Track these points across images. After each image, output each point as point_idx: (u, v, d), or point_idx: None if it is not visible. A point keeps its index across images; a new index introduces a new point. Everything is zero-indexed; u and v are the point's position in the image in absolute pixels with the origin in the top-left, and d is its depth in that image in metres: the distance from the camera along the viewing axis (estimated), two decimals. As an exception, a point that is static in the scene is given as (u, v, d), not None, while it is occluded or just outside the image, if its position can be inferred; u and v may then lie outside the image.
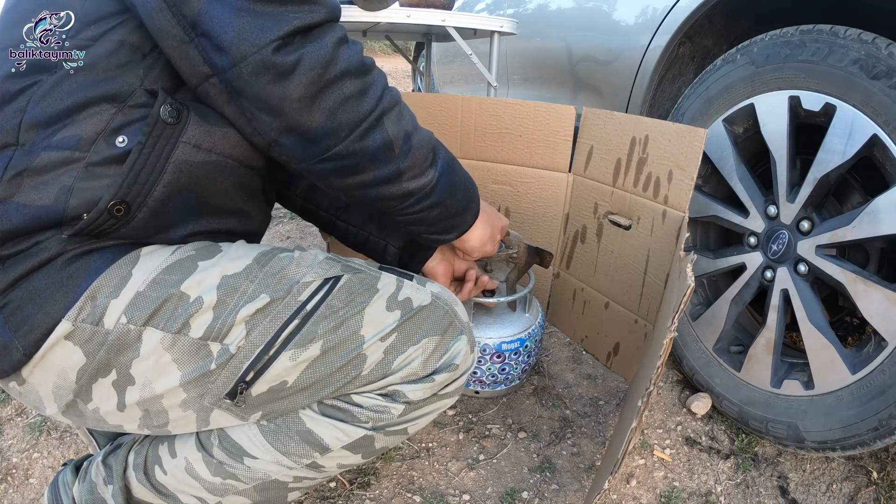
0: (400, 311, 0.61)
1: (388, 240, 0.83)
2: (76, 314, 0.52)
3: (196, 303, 0.55)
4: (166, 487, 0.64)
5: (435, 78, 2.82)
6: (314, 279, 0.60)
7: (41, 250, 0.52)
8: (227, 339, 0.56)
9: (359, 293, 0.61)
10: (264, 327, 0.56)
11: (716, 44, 1.27)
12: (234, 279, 0.57)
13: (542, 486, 0.93)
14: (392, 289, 0.63)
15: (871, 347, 0.86)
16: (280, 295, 0.58)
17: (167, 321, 0.54)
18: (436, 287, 0.67)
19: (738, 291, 1.05)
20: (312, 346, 0.58)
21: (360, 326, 0.59)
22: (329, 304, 0.59)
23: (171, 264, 0.56)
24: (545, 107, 1.19)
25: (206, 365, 0.56)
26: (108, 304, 0.53)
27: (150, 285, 0.55)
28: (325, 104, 0.53)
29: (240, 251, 0.61)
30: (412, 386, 0.62)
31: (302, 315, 0.58)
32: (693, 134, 0.95)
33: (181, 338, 0.55)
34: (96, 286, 0.53)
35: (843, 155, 0.85)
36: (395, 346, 0.60)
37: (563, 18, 1.62)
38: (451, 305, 0.66)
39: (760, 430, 1.00)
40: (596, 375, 1.23)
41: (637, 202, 1.09)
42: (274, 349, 0.57)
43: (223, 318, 0.56)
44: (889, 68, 0.79)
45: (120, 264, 0.55)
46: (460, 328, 0.65)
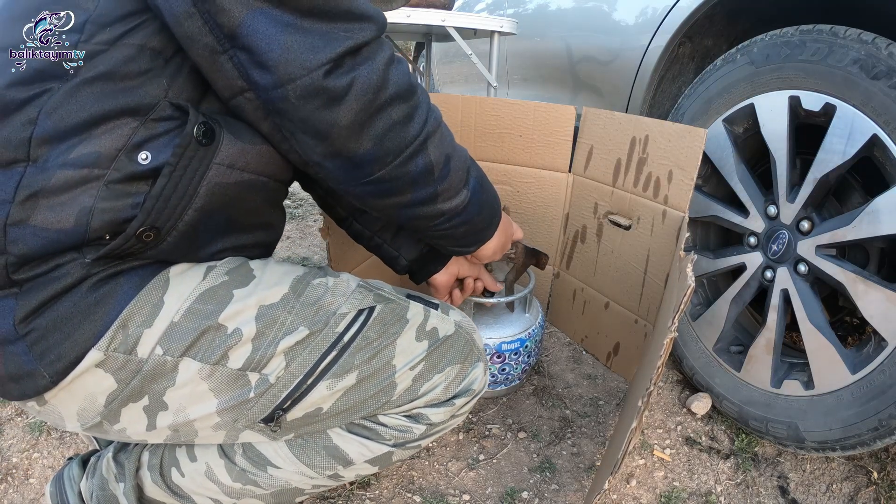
0: (428, 341, 0.65)
1: (401, 251, 0.83)
2: (107, 344, 0.50)
3: (234, 335, 0.54)
4: (182, 489, 0.65)
5: (435, 78, 2.82)
6: (349, 310, 0.61)
7: (63, 275, 0.49)
8: (266, 369, 0.56)
9: (391, 324, 0.63)
10: (304, 358, 0.57)
11: (716, 44, 1.27)
12: (272, 310, 0.57)
13: (542, 486, 0.93)
14: (420, 319, 0.65)
15: (871, 347, 0.86)
16: (318, 327, 0.58)
17: (205, 353, 0.53)
18: (458, 315, 0.71)
19: (738, 291, 1.05)
20: (349, 375, 0.59)
21: (393, 356, 0.62)
22: (365, 336, 0.60)
23: (205, 292, 0.55)
24: (545, 107, 1.19)
25: (245, 394, 0.56)
26: (142, 334, 0.51)
27: (185, 315, 0.53)
28: (374, 131, 0.52)
29: (274, 277, 0.60)
30: (434, 409, 0.66)
31: (339, 347, 0.59)
32: (693, 134, 0.95)
33: (219, 368, 0.54)
34: (127, 314, 0.51)
35: (843, 155, 0.85)
36: (423, 374, 0.64)
37: (562, 18, 1.62)
38: (471, 334, 0.70)
39: (760, 430, 1.00)
40: (596, 375, 1.23)
41: (637, 202, 1.09)
42: (312, 379, 0.58)
43: (263, 349, 0.55)
44: (889, 68, 0.79)
45: (150, 290, 0.52)
46: (478, 355, 0.69)
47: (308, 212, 2.28)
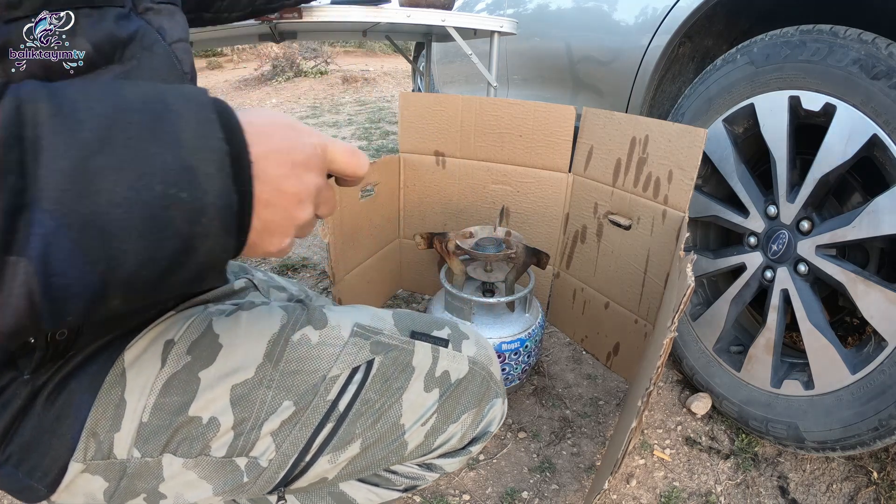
0: (438, 389, 0.57)
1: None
2: (83, 455, 0.48)
3: (211, 425, 0.50)
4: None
5: (435, 78, 2.82)
6: (342, 371, 0.53)
7: (11, 398, 0.45)
8: (254, 452, 0.52)
9: (394, 378, 0.55)
10: (295, 437, 0.52)
11: (716, 44, 1.27)
12: (247, 388, 0.51)
13: (542, 486, 0.93)
14: (428, 364, 0.58)
15: (871, 347, 0.86)
16: (306, 400, 0.52)
17: (185, 449, 0.50)
18: (472, 347, 0.61)
19: (738, 291, 1.05)
20: (352, 446, 0.54)
21: (400, 415, 0.55)
22: (364, 399, 0.54)
23: (168, 381, 0.50)
24: (545, 107, 1.19)
25: (238, 478, 0.52)
26: (113, 439, 0.48)
27: (152, 413, 0.49)
28: None
29: (245, 343, 0.53)
30: (449, 460, 0.61)
31: (335, 417, 0.53)
32: (693, 134, 0.95)
33: (203, 458, 0.51)
34: (92, 423, 0.47)
35: (843, 155, 0.85)
36: (436, 428, 0.57)
37: (562, 18, 1.62)
38: (487, 367, 0.62)
39: (760, 430, 1.00)
40: (596, 375, 1.23)
41: (637, 202, 1.09)
42: (310, 455, 0.53)
43: (245, 435, 0.51)
44: (889, 68, 0.79)
45: (107, 390, 0.48)
46: (495, 390, 0.62)
47: (308, 212, 2.28)
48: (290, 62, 7.00)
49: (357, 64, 8.23)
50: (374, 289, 1.39)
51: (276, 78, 6.93)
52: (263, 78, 7.12)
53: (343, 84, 6.55)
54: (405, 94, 1.31)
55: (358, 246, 1.24)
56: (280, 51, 7.09)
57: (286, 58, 7.01)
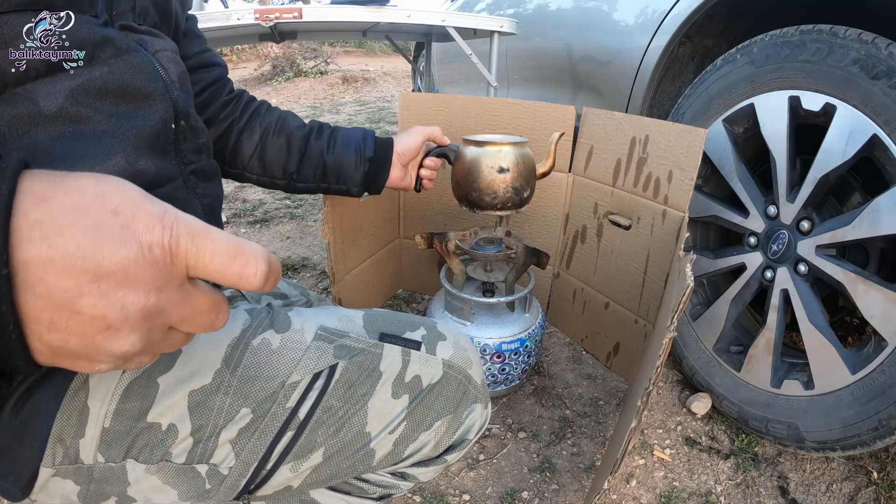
0: (408, 395, 0.54)
1: (349, 184, 0.82)
2: (51, 460, 0.48)
3: (170, 432, 0.49)
4: None
5: (435, 78, 2.82)
6: (302, 377, 0.51)
7: None
8: (214, 459, 0.51)
9: (359, 384, 0.53)
10: (253, 445, 0.50)
11: (716, 44, 1.27)
12: (205, 395, 0.49)
13: (542, 486, 0.93)
14: (397, 368, 0.55)
15: (871, 347, 0.86)
16: (264, 407, 0.50)
17: (146, 455, 0.50)
18: (448, 349, 0.58)
19: (738, 291, 1.05)
20: (314, 454, 0.52)
21: (365, 423, 0.53)
22: (325, 406, 0.51)
23: (128, 387, 0.49)
24: (545, 107, 1.19)
25: (200, 485, 0.52)
26: (78, 444, 0.48)
27: (113, 418, 0.48)
28: None
29: (202, 348, 0.51)
30: (423, 469, 0.59)
31: (295, 425, 0.51)
32: (693, 134, 0.95)
33: (165, 465, 0.50)
34: (58, 429, 0.47)
35: (843, 155, 0.85)
36: (406, 436, 0.55)
37: (563, 18, 1.62)
38: (465, 370, 0.58)
39: (760, 430, 1.00)
40: (596, 375, 1.23)
41: (637, 202, 1.09)
42: (271, 464, 0.51)
43: (203, 442, 0.50)
44: (889, 68, 0.79)
45: (71, 397, 0.48)
46: (474, 395, 0.58)
47: (308, 212, 2.28)
48: (290, 62, 7.00)
49: (357, 64, 8.23)
50: (374, 289, 1.39)
51: (276, 78, 6.94)
52: (263, 78, 7.12)
53: (343, 84, 6.55)
54: (405, 94, 1.31)
55: (358, 246, 1.24)
56: (280, 51, 7.09)
57: (286, 58, 7.01)
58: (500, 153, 0.93)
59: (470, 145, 0.96)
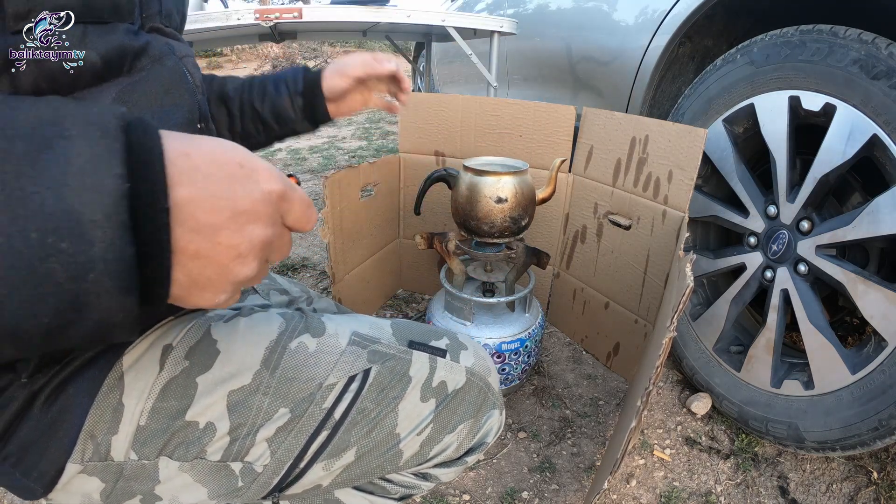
0: (435, 399, 0.57)
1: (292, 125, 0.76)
2: (80, 456, 0.48)
3: (207, 430, 0.50)
4: None
5: (435, 78, 2.82)
6: (338, 380, 0.54)
7: (9, 400, 0.46)
8: (249, 457, 0.52)
9: (390, 388, 0.56)
10: (290, 444, 0.52)
11: (716, 44, 1.27)
12: (244, 395, 0.51)
13: (542, 486, 0.93)
14: (425, 373, 0.58)
15: (871, 347, 0.86)
16: (302, 407, 0.52)
17: (181, 452, 0.50)
18: (470, 358, 0.62)
19: (738, 291, 1.05)
20: (347, 453, 0.54)
21: (396, 425, 0.55)
22: (360, 408, 0.54)
23: (166, 386, 0.50)
24: (545, 107, 1.19)
25: (233, 482, 0.52)
26: (111, 441, 0.49)
27: (150, 416, 0.49)
28: None
29: (242, 349, 0.53)
30: (445, 469, 0.62)
31: (331, 425, 0.53)
32: (693, 134, 0.95)
33: (199, 462, 0.51)
34: (90, 426, 0.48)
35: (843, 155, 0.85)
36: (432, 438, 0.58)
37: (563, 18, 1.62)
38: (485, 378, 0.62)
39: (760, 430, 1.00)
40: (596, 375, 1.23)
41: (637, 202, 1.09)
42: (305, 462, 0.53)
43: (241, 440, 0.51)
44: (889, 68, 0.79)
45: (105, 394, 0.48)
46: (493, 401, 0.62)
47: (308, 212, 2.28)
48: (290, 62, 7.01)
49: (357, 64, 8.22)
50: (374, 289, 1.39)
51: (276, 78, 6.94)
52: (263, 78, 7.12)
53: (343, 84, 6.55)
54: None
55: (358, 246, 1.24)
56: (280, 51, 7.09)
57: (286, 58, 7.02)
58: (498, 183, 0.94)
59: (469, 172, 0.96)
